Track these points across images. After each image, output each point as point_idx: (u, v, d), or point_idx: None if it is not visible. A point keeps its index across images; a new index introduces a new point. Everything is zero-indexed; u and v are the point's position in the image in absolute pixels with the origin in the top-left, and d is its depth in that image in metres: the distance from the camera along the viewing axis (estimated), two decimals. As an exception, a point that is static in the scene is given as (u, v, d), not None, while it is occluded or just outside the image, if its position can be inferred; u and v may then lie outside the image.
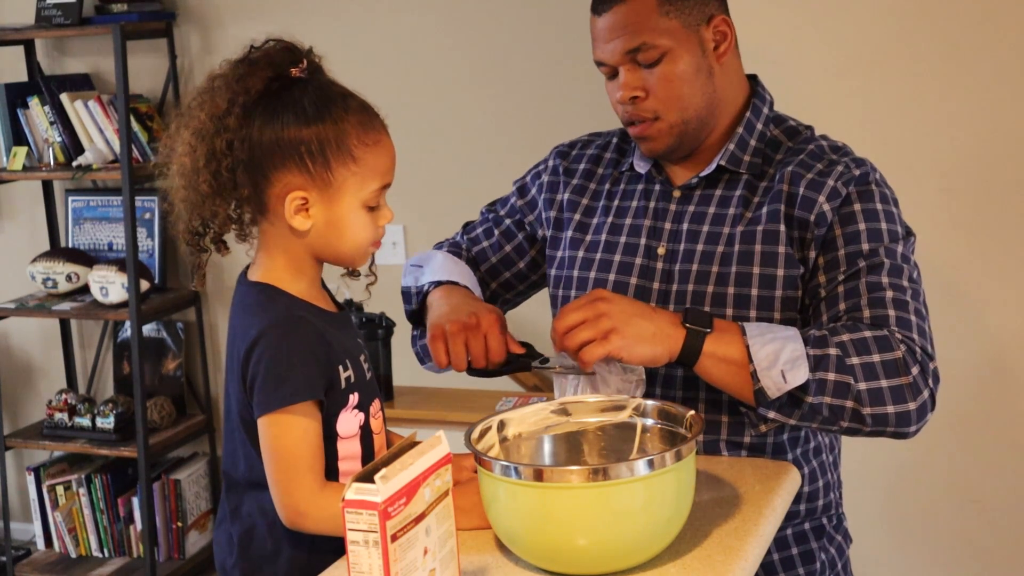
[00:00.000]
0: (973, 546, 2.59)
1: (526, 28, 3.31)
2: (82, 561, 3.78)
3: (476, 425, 1.46)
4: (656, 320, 1.55)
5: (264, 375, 1.47)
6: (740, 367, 1.54)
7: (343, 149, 1.48)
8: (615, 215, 1.81)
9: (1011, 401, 2.51)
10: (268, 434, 1.49)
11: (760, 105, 1.77)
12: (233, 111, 1.47)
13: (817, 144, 1.74)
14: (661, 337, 1.54)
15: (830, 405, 1.53)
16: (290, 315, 1.50)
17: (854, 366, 1.53)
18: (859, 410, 1.53)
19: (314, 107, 1.48)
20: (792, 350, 1.53)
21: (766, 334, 1.55)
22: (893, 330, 1.58)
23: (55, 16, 3.51)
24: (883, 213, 1.66)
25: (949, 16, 2.43)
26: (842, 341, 1.54)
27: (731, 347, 1.55)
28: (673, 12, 1.66)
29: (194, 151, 1.49)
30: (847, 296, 1.62)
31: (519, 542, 1.37)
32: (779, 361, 1.52)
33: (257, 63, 1.50)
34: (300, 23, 3.44)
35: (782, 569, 1.74)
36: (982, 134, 2.44)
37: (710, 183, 1.75)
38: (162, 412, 3.68)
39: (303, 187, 1.48)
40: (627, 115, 1.72)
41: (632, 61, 1.68)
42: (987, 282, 2.49)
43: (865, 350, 1.54)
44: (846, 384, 1.52)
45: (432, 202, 3.47)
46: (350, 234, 1.51)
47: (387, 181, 1.53)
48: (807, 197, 1.66)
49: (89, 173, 3.51)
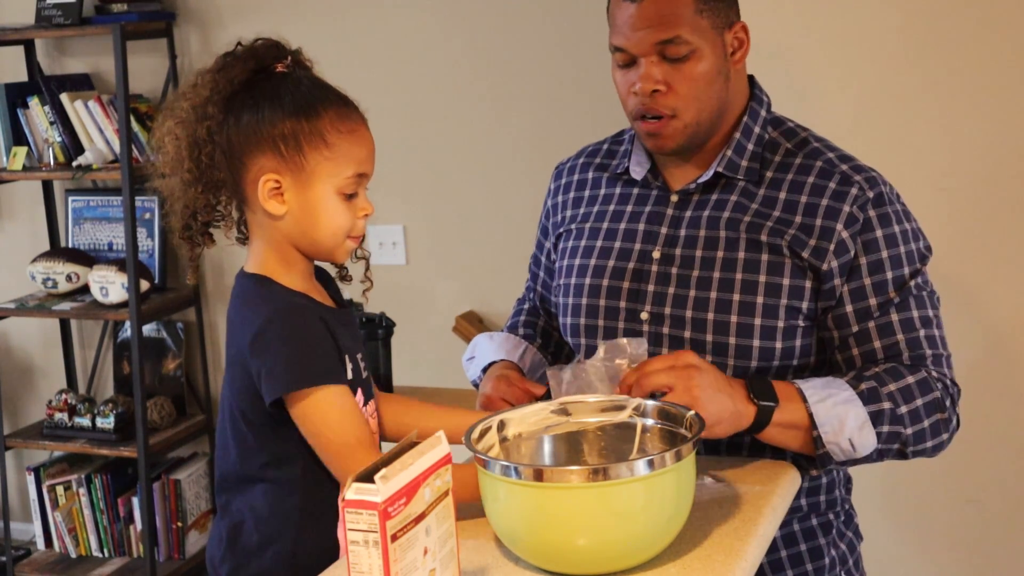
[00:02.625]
0: (972, 546, 2.59)
1: (526, 28, 3.31)
2: (82, 561, 3.78)
3: (476, 425, 1.46)
4: (735, 397, 1.56)
5: (284, 361, 1.48)
6: (804, 431, 1.60)
7: (317, 135, 1.51)
8: (611, 220, 1.81)
9: (1010, 401, 2.51)
10: (308, 424, 1.50)
11: (757, 108, 1.77)
12: (214, 99, 1.52)
13: (825, 159, 1.72)
14: (736, 416, 1.56)
15: (880, 450, 1.62)
16: (292, 303, 1.53)
17: (903, 416, 1.61)
18: (904, 450, 1.64)
19: (291, 97, 1.52)
20: (855, 416, 1.59)
21: (826, 399, 1.60)
22: (931, 370, 1.66)
23: (55, 16, 3.51)
24: (900, 236, 1.69)
25: (948, 14, 2.43)
26: (891, 392, 1.62)
27: (795, 415, 1.59)
28: (707, 12, 1.66)
29: (178, 140, 1.54)
30: (881, 334, 1.68)
31: (519, 542, 1.37)
32: (845, 429, 1.59)
33: (241, 56, 1.54)
34: (300, 23, 3.45)
35: (790, 566, 1.74)
36: (981, 133, 2.44)
37: (707, 188, 1.75)
38: (162, 412, 3.68)
39: (276, 171, 1.52)
40: (642, 107, 1.69)
41: (659, 53, 1.66)
42: (986, 282, 2.49)
43: (911, 397, 1.62)
44: (897, 433, 1.62)
45: (432, 202, 3.48)
46: (324, 220, 1.53)
47: (362, 170, 1.54)
48: (825, 227, 1.66)
49: (89, 173, 3.51)
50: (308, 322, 1.51)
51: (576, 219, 1.86)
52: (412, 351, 3.40)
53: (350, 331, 1.60)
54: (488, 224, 3.43)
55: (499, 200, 3.40)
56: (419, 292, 3.49)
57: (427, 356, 3.46)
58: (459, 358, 2.07)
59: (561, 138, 3.22)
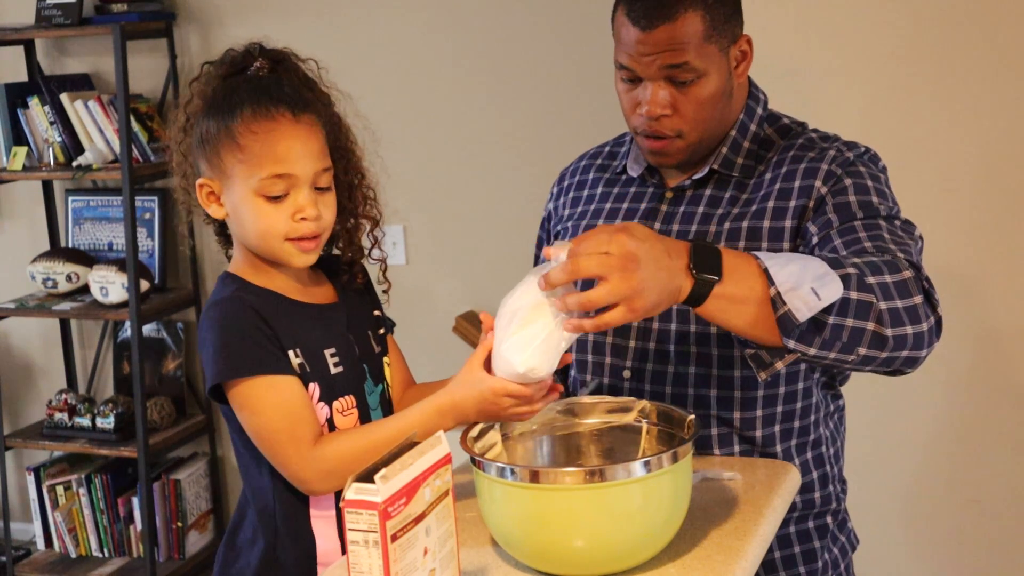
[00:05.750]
0: (973, 546, 2.59)
1: (526, 28, 3.31)
2: (82, 561, 3.78)
3: (477, 423, 1.46)
4: (673, 271, 1.37)
5: (213, 353, 1.50)
6: (756, 305, 1.40)
7: (229, 136, 1.51)
8: (606, 217, 1.82)
9: (1011, 402, 2.51)
10: (240, 416, 1.52)
11: (754, 106, 1.78)
12: (189, 107, 1.56)
13: (807, 136, 1.75)
14: (672, 293, 1.37)
15: (851, 328, 1.42)
16: (231, 296, 1.54)
17: (872, 286, 1.43)
18: (880, 332, 1.43)
19: (220, 98, 1.53)
20: (816, 267, 1.40)
21: (780, 257, 1.43)
22: (898, 255, 1.52)
23: (55, 16, 3.51)
24: (874, 190, 1.66)
25: (951, 15, 2.43)
26: (855, 263, 1.45)
27: (743, 287, 1.39)
28: (715, 37, 1.66)
29: (173, 146, 1.60)
30: (843, 234, 1.57)
31: (515, 544, 1.37)
32: (805, 280, 1.39)
33: (217, 62, 1.58)
34: (300, 23, 3.45)
35: (783, 567, 1.74)
36: (983, 133, 2.44)
37: (701, 183, 1.76)
38: (162, 412, 3.67)
39: (208, 175, 1.55)
40: (648, 128, 1.70)
41: (666, 78, 1.66)
42: (987, 282, 2.49)
43: (878, 271, 1.45)
44: (868, 303, 1.42)
45: (432, 202, 3.48)
46: (248, 224, 1.53)
47: (281, 171, 1.50)
48: (804, 186, 1.67)
49: (89, 173, 3.51)
50: (238, 315, 1.51)
51: (574, 217, 1.87)
52: (412, 351, 3.39)
53: (327, 326, 1.60)
54: (488, 224, 3.43)
55: (499, 200, 3.40)
56: (419, 292, 3.49)
57: (427, 356, 3.46)
58: (459, 358, 2.07)
59: (561, 138, 3.23)
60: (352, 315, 1.65)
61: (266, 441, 1.51)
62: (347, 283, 1.67)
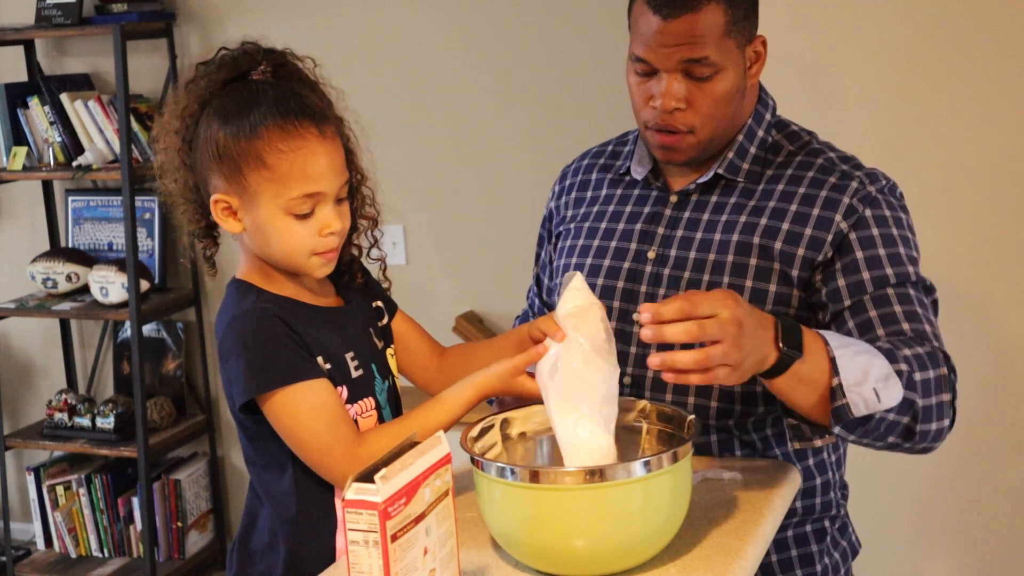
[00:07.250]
0: (973, 546, 2.59)
1: (527, 28, 3.31)
2: (82, 561, 3.78)
3: (477, 423, 1.46)
4: (763, 340, 1.39)
5: (244, 366, 1.48)
6: (820, 388, 1.43)
7: (255, 155, 1.46)
8: (609, 220, 1.81)
9: (1011, 402, 2.51)
10: (278, 425, 1.50)
11: (762, 111, 1.76)
12: (187, 113, 1.50)
13: (826, 157, 1.72)
14: (759, 359, 1.39)
15: (891, 421, 1.47)
16: (255, 308, 1.51)
17: (918, 383, 1.47)
18: (912, 426, 1.48)
19: (236, 111, 1.48)
20: (880, 367, 1.44)
21: (848, 347, 1.45)
22: (936, 346, 1.56)
23: (55, 16, 3.51)
24: (899, 239, 1.65)
25: (951, 16, 2.43)
26: (907, 356, 1.48)
27: (814, 370, 1.42)
28: (735, 32, 1.64)
29: (165, 150, 1.53)
30: (877, 304, 1.59)
31: (515, 544, 1.37)
32: (869, 378, 1.43)
33: (216, 65, 1.52)
34: (300, 23, 3.45)
35: (780, 571, 1.73)
36: (983, 134, 2.44)
37: (706, 189, 1.74)
38: (162, 412, 3.68)
39: (225, 191, 1.50)
40: (660, 122, 1.67)
41: (684, 71, 1.64)
42: (987, 282, 2.49)
43: (924, 367, 1.49)
44: (911, 402, 1.47)
45: (432, 202, 3.48)
46: (275, 242, 1.50)
47: (312, 189, 1.48)
48: (824, 217, 1.64)
49: (89, 173, 3.51)
50: (265, 325, 1.49)
51: (576, 218, 1.86)
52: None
53: (343, 329, 1.59)
54: (488, 224, 3.43)
55: (499, 200, 3.40)
56: (419, 292, 3.49)
57: (427, 356, 3.46)
58: (459, 358, 2.07)
59: (562, 137, 3.23)
60: (360, 316, 1.66)
61: (310, 445, 1.49)
62: (347, 283, 1.66)
